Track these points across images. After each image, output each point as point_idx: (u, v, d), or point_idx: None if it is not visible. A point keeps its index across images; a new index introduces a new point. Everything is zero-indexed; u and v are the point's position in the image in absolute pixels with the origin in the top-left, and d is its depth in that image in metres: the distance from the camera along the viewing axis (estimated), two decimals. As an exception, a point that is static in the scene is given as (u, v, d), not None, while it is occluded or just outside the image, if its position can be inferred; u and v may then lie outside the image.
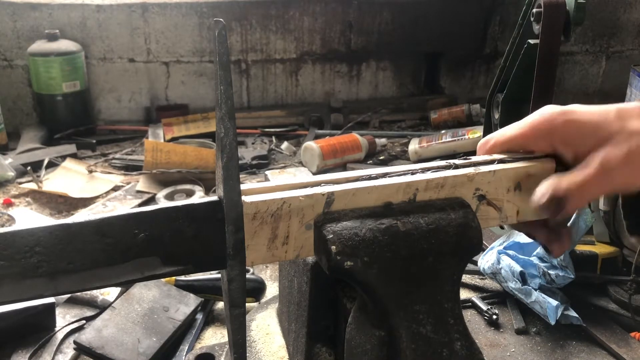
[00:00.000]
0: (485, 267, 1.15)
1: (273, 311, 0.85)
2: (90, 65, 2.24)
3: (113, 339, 0.95)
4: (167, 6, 2.23)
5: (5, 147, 2.03)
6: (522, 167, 0.60)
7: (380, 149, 2.02)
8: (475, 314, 1.11)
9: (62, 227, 0.48)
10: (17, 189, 1.69)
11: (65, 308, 1.08)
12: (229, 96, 0.49)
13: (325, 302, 0.63)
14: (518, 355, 1.01)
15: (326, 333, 0.64)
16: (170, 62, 2.32)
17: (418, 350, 0.52)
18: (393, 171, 0.57)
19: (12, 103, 2.23)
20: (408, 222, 0.53)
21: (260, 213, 0.51)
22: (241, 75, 2.39)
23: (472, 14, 2.50)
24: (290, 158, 2.01)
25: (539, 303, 1.06)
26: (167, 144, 1.84)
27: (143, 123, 2.32)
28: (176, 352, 1.00)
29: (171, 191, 1.65)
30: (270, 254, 0.53)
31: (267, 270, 1.27)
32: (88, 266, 0.48)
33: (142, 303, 1.04)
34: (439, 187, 0.56)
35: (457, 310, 0.54)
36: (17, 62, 2.20)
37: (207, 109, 2.32)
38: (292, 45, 2.39)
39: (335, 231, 0.51)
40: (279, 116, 2.34)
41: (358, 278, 0.51)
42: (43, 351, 0.97)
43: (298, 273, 0.66)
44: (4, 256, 0.46)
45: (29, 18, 2.15)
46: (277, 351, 0.76)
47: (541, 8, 1.28)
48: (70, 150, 1.97)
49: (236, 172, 0.48)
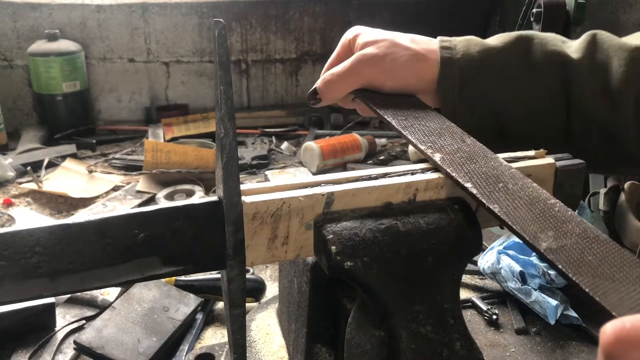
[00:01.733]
0: (485, 267, 1.15)
1: (273, 311, 0.85)
2: (90, 65, 2.24)
3: (113, 339, 0.95)
4: (167, 6, 2.23)
5: (5, 147, 2.04)
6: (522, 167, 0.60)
7: (380, 149, 2.03)
8: (475, 314, 1.11)
9: (62, 227, 0.48)
10: (17, 189, 1.69)
11: (65, 308, 1.08)
12: (229, 96, 0.49)
13: (325, 302, 0.63)
14: (518, 355, 1.01)
15: (326, 333, 0.64)
16: (170, 62, 2.32)
17: (418, 350, 0.52)
18: (393, 171, 0.57)
19: (12, 103, 2.23)
20: (408, 222, 0.53)
21: (260, 213, 0.51)
22: (241, 75, 2.39)
23: (472, 14, 2.50)
24: (290, 158, 2.01)
25: (538, 303, 1.06)
26: (167, 144, 1.84)
27: (143, 123, 2.32)
28: (176, 352, 1.00)
29: (171, 191, 1.65)
30: (270, 254, 0.54)
31: (267, 270, 1.27)
32: (88, 266, 0.48)
33: (142, 303, 1.04)
34: (439, 187, 0.56)
35: (457, 311, 0.54)
36: (17, 62, 2.20)
37: (207, 109, 2.32)
38: (292, 45, 2.39)
39: (335, 231, 0.51)
40: (279, 116, 2.34)
41: (358, 278, 0.51)
42: (43, 351, 0.97)
43: (298, 273, 0.66)
44: (4, 256, 0.46)
45: (29, 18, 2.15)
46: (277, 351, 0.76)
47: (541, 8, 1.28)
48: (70, 150, 1.97)
49: (236, 172, 0.48)
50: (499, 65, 0.67)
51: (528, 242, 0.45)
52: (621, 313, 0.37)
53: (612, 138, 0.66)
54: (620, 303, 0.38)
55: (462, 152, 0.56)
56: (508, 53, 0.68)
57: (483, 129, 0.68)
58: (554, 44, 0.68)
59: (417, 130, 0.61)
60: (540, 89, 0.67)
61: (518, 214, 0.47)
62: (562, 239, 0.44)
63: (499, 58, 0.68)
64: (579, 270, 0.41)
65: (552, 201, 0.48)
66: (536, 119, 0.68)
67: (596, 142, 0.67)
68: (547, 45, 0.68)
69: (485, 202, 0.49)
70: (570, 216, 0.46)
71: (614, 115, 0.65)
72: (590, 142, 0.67)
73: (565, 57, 0.67)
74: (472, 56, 0.68)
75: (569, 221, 0.46)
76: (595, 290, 0.39)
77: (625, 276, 0.40)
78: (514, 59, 0.68)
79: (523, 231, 0.45)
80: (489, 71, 0.67)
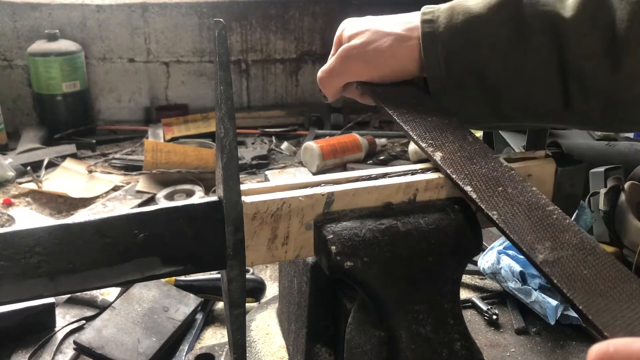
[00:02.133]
0: (485, 267, 1.15)
1: (273, 311, 0.85)
2: (90, 65, 2.24)
3: (113, 339, 0.95)
4: (167, 6, 2.23)
5: (5, 147, 2.03)
6: (522, 168, 0.60)
7: (380, 149, 2.02)
8: (475, 314, 1.11)
9: (62, 228, 0.48)
10: (17, 189, 1.69)
11: (65, 308, 1.08)
12: (229, 96, 0.49)
13: (325, 302, 0.63)
14: (518, 355, 1.01)
15: (326, 333, 0.64)
16: (170, 62, 2.32)
17: (418, 350, 0.52)
18: (393, 171, 0.57)
19: (12, 103, 2.23)
20: (408, 223, 0.53)
21: (260, 213, 0.51)
22: (241, 75, 2.39)
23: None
24: (290, 158, 2.01)
25: (538, 303, 1.06)
26: (167, 144, 1.84)
27: (143, 123, 2.32)
28: (176, 352, 1.00)
29: (171, 191, 1.65)
30: (270, 254, 0.54)
31: (267, 270, 1.27)
32: (88, 266, 0.48)
33: (142, 303, 1.04)
34: (439, 187, 0.56)
35: (457, 311, 0.54)
36: (17, 62, 2.20)
37: (207, 109, 2.32)
38: (292, 45, 2.39)
39: (335, 231, 0.51)
40: (279, 116, 2.34)
41: (358, 278, 0.51)
42: (43, 351, 0.97)
43: (298, 273, 0.66)
44: (4, 256, 0.46)
45: (29, 18, 2.15)
46: (277, 351, 0.76)
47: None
48: (70, 150, 1.97)
49: (236, 172, 0.48)
50: (485, 35, 0.62)
51: (525, 253, 0.45)
52: (613, 333, 0.37)
53: (613, 102, 0.61)
54: (613, 322, 0.38)
55: (463, 151, 0.56)
56: (494, 21, 0.62)
57: (476, 105, 0.64)
58: (545, 3, 0.62)
59: (418, 125, 0.61)
60: (533, 58, 0.61)
61: (516, 221, 0.47)
62: (559, 251, 0.44)
63: (485, 28, 0.62)
64: (573, 286, 0.41)
65: (551, 208, 0.48)
66: (532, 90, 0.63)
67: (597, 108, 0.62)
68: (537, 5, 0.62)
69: (484, 208, 0.49)
70: (568, 225, 0.46)
71: (615, 76, 0.59)
72: (590, 109, 0.62)
73: (557, 18, 0.60)
74: (456, 28, 0.63)
75: (566, 230, 0.46)
76: (588, 308, 0.39)
77: (619, 293, 0.40)
78: (502, 27, 0.62)
79: (520, 241, 0.45)
80: (474, 43, 0.62)
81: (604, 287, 0.41)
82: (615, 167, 1.26)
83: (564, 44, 0.60)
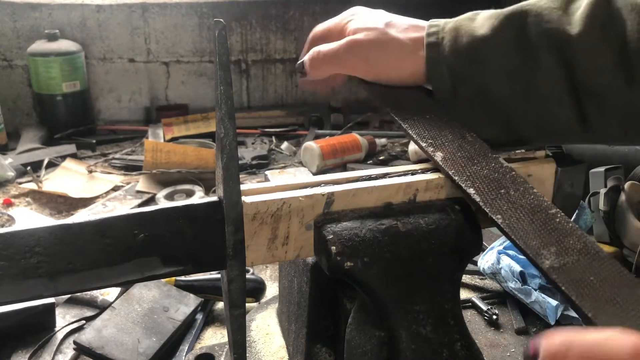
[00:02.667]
0: (485, 267, 1.15)
1: (273, 311, 0.85)
2: (90, 65, 2.24)
3: (113, 339, 0.95)
4: (167, 6, 2.23)
5: (5, 147, 2.03)
6: (522, 167, 0.60)
7: (380, 149, 2.02)
8: (475, 314, 1.11)
9: (62, 228, 0.48)
10: (17, 189, 1.69)
11: (65, 308, 1.08)
12: (229, 96, 0.49)
13: (325, 302, 0.63)
14: (518, 355, 1.01)
15: (326, 333, 0.64)
16: (170, 62, 2.32)
17: (418, 350, 0.52)
18: (393, 171, 0.57)
19: (12, 103, 2.23)
20: (408, 223, 0.53)
21: (260, 213, 0.51)
22: (241, 75, 2.39)
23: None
24: (290, 158, 2.01)
25: (539, 303, 1.06)
26: (167, 144, 1.84)
27: (143, 123, 2.32)
28: (176, 352, 1.00)
29: (171, 191, 1.65)
30: (270, 255, 0.54)
31: (267, 270, 1.27)
32: (88, 266, 0.48)
33: (142, 303, 1.04)
34: (439, 187, 0.56)
35: (457, 311, 0.54)
36: (17, 62, 2.20)
37: (207, 109, 2.32)
38: (292, 45, 2.39)
39: (335, 232, 0.51)
40: (279, 116, 2.34)
41: (358, 278, 0.51)
42: (43, 351, 0.97)
43: (298, 273, 0.66)
44: (3, 256, 0.46)
45: (29, 18, 2.15)
46: (277, 351, 0.76)
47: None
48: (70, 150, 1.97)
49: (236, 172, 0.48)
50: (491, 57, 0.61)
51: (531, 259, 0.45)
52: None
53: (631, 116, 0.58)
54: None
55: (463, 151, 0.56)
56: (499, 41, 0.61)
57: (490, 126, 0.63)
58: (549, 20, 0.60)
59: (417, 123, 0.61)
60: (542, 76, 0.60)
61: (520, 225, 0.47)
62: (564, 256, 0.44)
63: (490, 49, 0.61)
64: (581, 292, 0.41)
65: (553, 211, 0.48)
66: (545, 109, 0.61)
67: (615, 123, 0.59)
68: (542, 23, 0.60)
69: (488, 212, 0.49)
70: (571, 228, 0.46)
71: (629, 89, 0.57)
72: (609, 125, 0.60)
73: (563, 36, 0.58)
74: (461, 51, 0.62)
75: (570, 234, 0.46)
76: (596, 315, 0.39)
77: (625, 298, 0.40)
78: (507, 47, 0.61)
79: (526, 247, 0.45)
80: (481, 66, 0.62)
81: (610, 294, 0.41)
82: (615, 167, 1.26)
83: (572, 59, 0.59)
